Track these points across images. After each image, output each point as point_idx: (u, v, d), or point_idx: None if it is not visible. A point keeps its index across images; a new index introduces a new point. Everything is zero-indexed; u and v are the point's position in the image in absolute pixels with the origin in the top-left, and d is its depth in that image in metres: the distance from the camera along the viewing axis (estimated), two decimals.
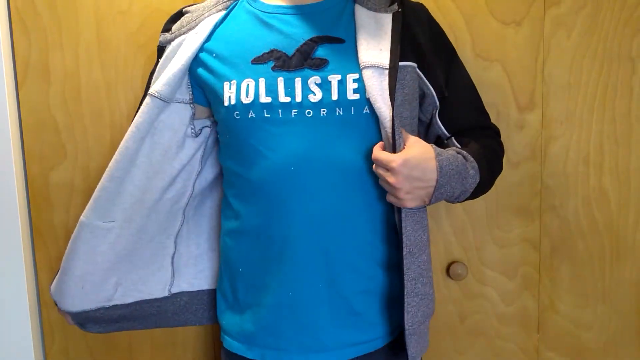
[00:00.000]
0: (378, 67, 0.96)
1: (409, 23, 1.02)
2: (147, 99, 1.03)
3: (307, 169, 0.96)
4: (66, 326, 1.35)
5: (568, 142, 1.29)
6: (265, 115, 0.97)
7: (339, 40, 0.99)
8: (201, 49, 1.04)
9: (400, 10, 1.02)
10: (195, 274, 1.17)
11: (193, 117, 1.08)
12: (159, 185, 1.07)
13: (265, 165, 0.98)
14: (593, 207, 1.30)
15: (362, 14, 1.01)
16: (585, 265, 1.32)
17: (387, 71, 0.95)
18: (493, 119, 1.27)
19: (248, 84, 0.98)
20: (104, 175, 1.05)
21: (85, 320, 1.12)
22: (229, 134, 1.03)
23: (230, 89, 0.99)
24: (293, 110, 0.97)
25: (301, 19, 1.01)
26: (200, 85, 1.06)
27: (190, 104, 1.07)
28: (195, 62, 1.05)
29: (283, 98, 0.97)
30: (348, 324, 1.01)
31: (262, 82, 0.97)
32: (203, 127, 1.10)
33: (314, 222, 0.97)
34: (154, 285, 1.14)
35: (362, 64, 0.96)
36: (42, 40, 1.27)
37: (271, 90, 0.97)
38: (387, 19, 1.00)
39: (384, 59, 0.96)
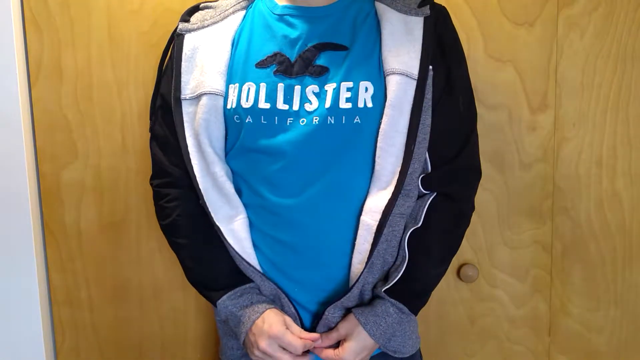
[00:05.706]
0: (405, 75, 0.95)
1: (436, 29, 0.99)
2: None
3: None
4: (77, 324, 1.36)
5: (581, 144, 1.27)
6: (262, 121, 0.97)
7: (342, 48, 0.98)
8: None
9: (430, 14, 0.99)
10: None
11: None
12: None
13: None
14: (605, 210, 1.29)
15: (389, 16, 0.99)
16: (597, 268, 1.31)
17: (415, 81, 0.95)
18: (504, 120, 1.26)
19: (249, 88, 0.98)
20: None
21: None
22: (231, 135, 1.02)
23: (233, 92, 0.99)
24: (289, 119, 0.97)
25: (306, 22, 1.00)
26: None
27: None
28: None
29: (281, 105, 0.97)
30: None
31: (262, 87, 0.98)
32: None
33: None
34: None
35: (388, 70, 0.95)
36: (54, 40, 1.28)
37: (271, 97, 0.97)
38: (417, 24, 0.98)
39: (413, 68, 0.95)
